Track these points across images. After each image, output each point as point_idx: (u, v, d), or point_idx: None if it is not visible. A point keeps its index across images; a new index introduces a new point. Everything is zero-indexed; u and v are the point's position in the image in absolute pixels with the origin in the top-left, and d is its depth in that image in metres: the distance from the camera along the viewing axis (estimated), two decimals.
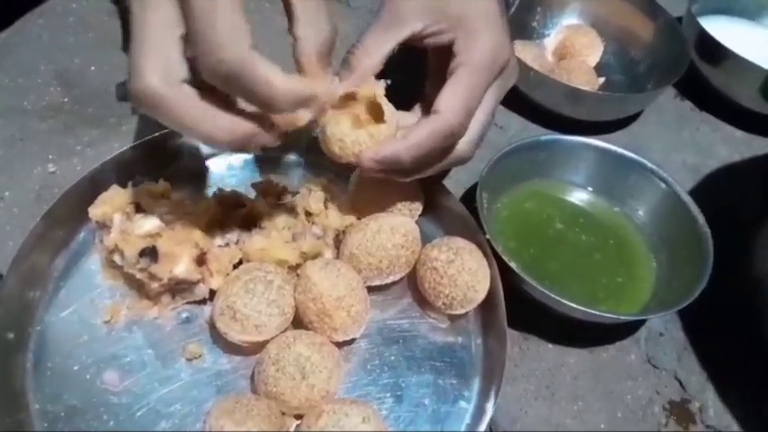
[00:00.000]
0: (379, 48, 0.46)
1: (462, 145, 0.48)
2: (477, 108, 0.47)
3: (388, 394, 0.47)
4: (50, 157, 0.60)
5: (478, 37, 0.46)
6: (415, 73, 0.50)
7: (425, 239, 0.52)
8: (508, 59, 0.48)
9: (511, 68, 0.49)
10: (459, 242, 0.50)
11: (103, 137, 0.62)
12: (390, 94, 0.46)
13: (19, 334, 0.45)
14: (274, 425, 0.41)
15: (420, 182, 0.54)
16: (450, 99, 0.45)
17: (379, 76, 0.47)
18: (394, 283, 0.52)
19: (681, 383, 0.53)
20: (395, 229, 0.49)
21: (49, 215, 0.48)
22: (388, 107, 0.46)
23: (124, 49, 0.70)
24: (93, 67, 0.68)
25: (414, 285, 0.52)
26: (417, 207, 0.54)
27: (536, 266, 0.54)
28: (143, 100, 0.36)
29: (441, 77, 0.47)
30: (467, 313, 0.51)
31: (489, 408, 0.44)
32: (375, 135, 0.45)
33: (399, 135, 0.46)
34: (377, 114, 0.47)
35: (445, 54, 0.48)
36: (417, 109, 0.52)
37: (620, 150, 0.61)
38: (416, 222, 0.52)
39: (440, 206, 0.56)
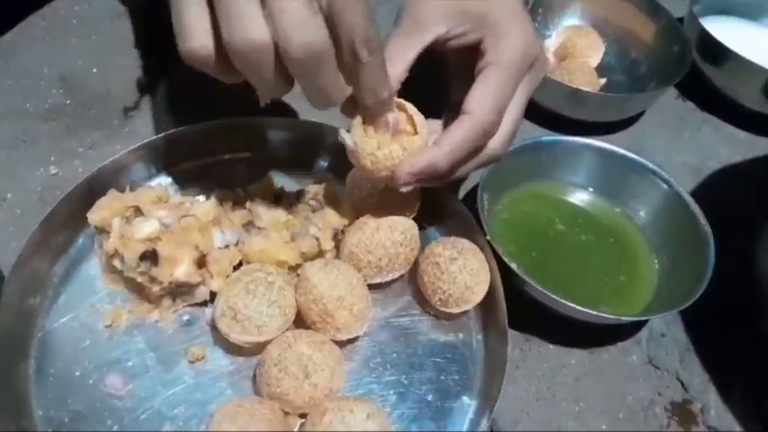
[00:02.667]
0: (403, 55, 0.46)
1: (495, 143, 0.47)
2: (508, 105, 0.46)
3: (392, 391, 0.47)
4: (52, 159, 0.60)
5: (506, 34, 0.45)
6: (433, 78, 0.50)
7: (425, 239, 0.53)
8: (537, 54, 0.47)
9: (540, 62, 0.48)
10: (465, 243, 0.50)
11: (105, 139, 0.62)
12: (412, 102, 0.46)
13: (21, 341, 0.46)
14: (278, 429, 0.41)
15: None
16: (480, 98, 0.44)
17: (405, 83, 0.46)
18: (394, 281, 0.52)
19: (682, 384, 0.53)
20: (393, 227, 0.49)
21: (47, 221, 0.48)
22: (418, 117, 0.46)
23: (126, 51, 0.70)
24: (95, 70, 0.68)
25: (414, 283, 0.52)
26: (414, 205, 0.54)
27: (538, 268, 0.54)
28: (254, 42, 0.36)
29: (466, 79, 0.47)
30: (467, 311, 0.51)
31: (492, 402, 0.44)
32: (408, 148, 0.45)
33: (430, 142, 0.45)
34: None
35: (469, 55, 0.47)
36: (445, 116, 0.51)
37: (621, 151, 0.60)
38: (416, 222, 0.52)
39: (441, 206, 0.56)
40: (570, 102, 0.68)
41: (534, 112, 0.71)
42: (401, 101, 0.46)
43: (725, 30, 0.75)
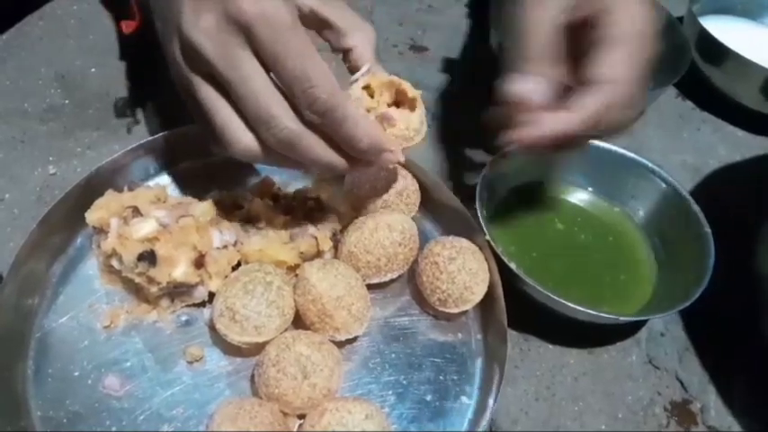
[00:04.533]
0: (542, 24, 0.45)
1: (628, 116, 0.46)
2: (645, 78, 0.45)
3: (390, 392, 0.47)
4: (51, 159, 0.60)
5: (635, 5, 0.44)
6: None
7: (424, 239, 0.53)
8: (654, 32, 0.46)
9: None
10: (464, 243, 0.50)
11: (104, 139, 0.62)
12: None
13: (19, 341, 0.46)
14: (278, 430, 0.41)
15: (417, 179, 0.55)
16: (623, 67, 0.43)
17: None
18: (393, 281, 0.52)
19: (682, 384, 0.53)
20: (392, 227, 0.49)
21: (45, 221, 0.48)
22: (420, 108, 0.47)
23: (124, 50, 0.70)
24: (93, 70, 0.68)
25: (413, 283, 0.52)
26: (414, 203, 0.54)
27: (537, 268, 0.54)
28: (286, 140, 0.40)
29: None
30: (466, 311, 0.51)
31: (491, 402, 0.44)
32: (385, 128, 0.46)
33: (566, 106, 0.43)
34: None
35: (574, 29, 0.46)
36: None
37: (620, 150, 0.60)
38: (416, 222, 0.52)
39: (440, 206, 0.56)
40: None
41: None
42: (405, 84, 0.47)
43: (724, 29, 0.75)
